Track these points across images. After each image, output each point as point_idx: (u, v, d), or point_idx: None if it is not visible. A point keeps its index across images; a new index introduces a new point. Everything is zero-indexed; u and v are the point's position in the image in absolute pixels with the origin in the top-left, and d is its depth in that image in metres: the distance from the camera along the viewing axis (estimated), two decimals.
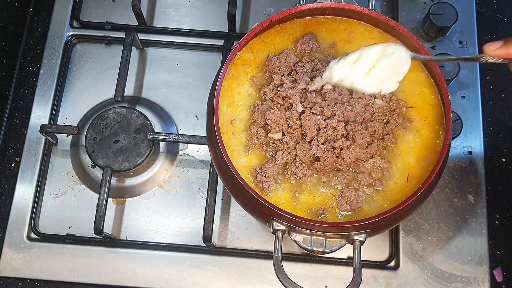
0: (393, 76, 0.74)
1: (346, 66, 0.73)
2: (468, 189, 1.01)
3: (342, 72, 0.73)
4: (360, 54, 0.73)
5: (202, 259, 0.98)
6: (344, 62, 0.73)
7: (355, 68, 0.73)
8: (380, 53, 0.73)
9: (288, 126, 0.79)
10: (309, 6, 0.84)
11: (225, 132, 0.80)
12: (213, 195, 0.96)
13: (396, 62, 0.74)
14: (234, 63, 0.84)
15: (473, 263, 0.97)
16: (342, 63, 0.73)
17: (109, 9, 1.14)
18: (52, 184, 1.03)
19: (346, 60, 0.73)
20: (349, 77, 0.73)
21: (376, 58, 0.73)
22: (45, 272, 0.97)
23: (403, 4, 1.12)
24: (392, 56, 0.73)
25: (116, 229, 1.00)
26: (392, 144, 0.79)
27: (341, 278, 0.96)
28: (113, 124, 1.00)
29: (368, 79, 0.74)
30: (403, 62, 0.74)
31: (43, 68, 1.10)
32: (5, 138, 1.07)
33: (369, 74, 0.73)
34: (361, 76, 0.73)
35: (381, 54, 0.73)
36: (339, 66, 0.73)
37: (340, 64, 0.73)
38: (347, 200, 0.77)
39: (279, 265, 0.73)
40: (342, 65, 0.73)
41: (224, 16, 1.07)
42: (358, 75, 0.73)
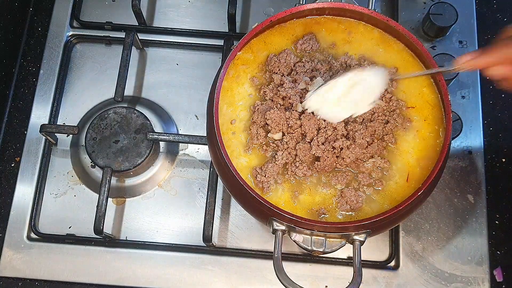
0: (364, 99, 0.78)
1: (318, 98, 0.77)
2: (468, 189, 1.01)
3: (315, 104, 0.78)
4: (331, 85, 0.77)
5: (202, 259, 0.98)
6: (316, 94, 0.77)
7: (325, 99, 0.77)
8: (348, 82, 0.77)
9: (288, 126, 0.79)
10: (309, 6, 0.84)
11: (225, 132, 0.80)
12: (213, 195, 0.96)
13: (366, 87, 0.77)
14: (234, 63, 0.84)
15: (473, 263, 0.97)
16: (315, 95, 0.78)
17: (109, 9, 1.14)
18: (52, 184, 1.03)
19: (318, 92, 0.77)
20: (321, 107, 0.77)
21: (345, 87, 0.77)
22: (45, 272, 0.97)
23: (403, 4, 1.12)
24: (361, 84, 0.77)
25: (116, 229, 1.00)
26: (392, 144, 0.79)
27: (341, 278, 0.96)
28: (113, 124, 1.00)
29: (337, 108, 0.77)
30: (375, 85, 0.78)
31: (43, 68, 1.10)
32: (5, 138, 1.07)
33: (338, 103, 0.77)
34: (331, 106, 0.77)
35: (350, 83, 0.77)
36: (312, 98, 0.78)
37: (313, 96, 0.78)
38: (347, 200, 0.77)
39: (279, 265, 0.73)
40: (315, 98, 0.78)
41: (224, 16, 1.07)
42: (329, 106, 0.77)
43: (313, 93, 0.77)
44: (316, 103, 0.77)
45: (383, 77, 0.77)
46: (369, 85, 0.77)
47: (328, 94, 0.76)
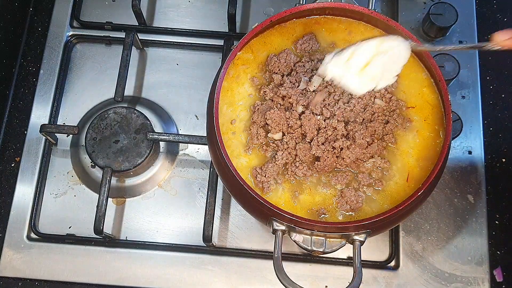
0: (389, 70, 0.72)
1: (339, 63, 0.70)
2: (468, 189, 1.01)
3: (336, 70, 0.70)
4: (354, 50, 0.70)
5: (202, 259, 0.98)
6: (338, 59, 0.70)
7: (348, 66, 0.70)
8: (374, 49, 0.70)
9: (288, 126, 0.79)
10: (309, 6, 0.84)
11: (225, 132, 0.80)
12: (213, 195, 0.96)
13: (391, 57, 0.71)
14: (234, 63, 0.84)
15: (473, 263, 0.97)
16: (336, 60, 0.70)
17: (109, 9, 1.14)
18: (52, 184, 1.03)
19: (340, 57, 0.70)
20: (343, 75, 0.70)
21: (370, 55, 0.70)
22: (45, 272, 0.97)
23: (403, 4, 1.12)
24: (388, 53, 0.71)
25: (116, 229, 1.00)
26: (392, 144, 0.79)
27: (341, 278, 0.96)
28: (113, 124, 1.00)
29: (362, 77, 0.71)
30: (400, 55, 0.71)
31: (43, 68, 1.10)
32: (5, 138, 1.07)
33: (363, 71, 0.70)
34: (354, 75, 0.70)
35: (376, 50, 0.70)
36: (333, 63, 0.70)
37: (334, 61, 0.70)
38: (347, 200, 0.77)
39: (279, 265, 0.73)
40: (336, 63, 0.70)
41: (224, 16, 1.07)
42: (352, 74, 0.70)
43: (334, 57, 0.69)
44: (338, 69, 0.68)
45: (407, 47, 0.71)
46: (393, 56, 0.70)
47: (352, 61, 0.68)
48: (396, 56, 0.71)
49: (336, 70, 0.69)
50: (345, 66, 0.69)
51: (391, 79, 0.72)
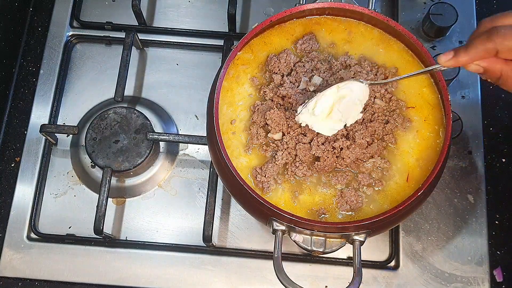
0: (353, 109, 0.77)
1: (307, 114, 0.76)
2: (468, 189, 1.01)
3: (307, 119, 0.76)
4: (316, 101, 0.75)
5: (202, 259, 0.98)
6: (305, 110, 0.76)
7: (315, 115, 0.75)
8: (334, 96, 0.76)
9: (288, 126, 0.79)
10: (309, 6, 0.84)
11: (225, 132, 0.80)
12: (213, 195, 0.96)
13: (352, 98, 0.76)
14: (234, 63, 0.84)
15: (473, 263, 0.97)
16: (304, 110, 0.76)
17: (109, 9, 1.14)
18: (52, 184, 1.03)
19: (306, 108, 0.76)
20: (312, 123, 0.76)
21: (331, 103, 0.75)
22: (45, 272, 0.97)
23: (403, 4, 1.12)
24: (346, 97, 0.75)
25: (116, 229, 1.00)
26: (392, 144, 0.79)
27: (341, 278, 0.96)
28: (113, 124, 1.00)
29: (329, 122, 0.76)
30: (359, 95, 0.76)
31: (43, 68, 1.10)
32: (5, 138, 1.07)
33: (329, 117, 0.76)
34: (322, 121, 0.76)
35: (335, 97, 0.76)
36: (303, 113, 0.76)
37: (303, 111, 0.76)
38: (347, 200, 0.77)
39: (279, 265, 0.73)
40: (304, 113, 0.76)
41: (224, 16, 1.07)
42: (319, 121, 0.76)
43: (303, 109, 0.76)
44: (307, 118, 0.76)
45: (365, 87, 0.77)
46: (354, 96, 0.76)
47: (316, 109, 0.75)
48: (356, 97, 0.76)
49: (306, 119, 0.76)
50: (312, 115, 0.76)
51: (357, 115, 0.77)
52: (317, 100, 0.75)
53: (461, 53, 0.69)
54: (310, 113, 0.75)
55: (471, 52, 0.68)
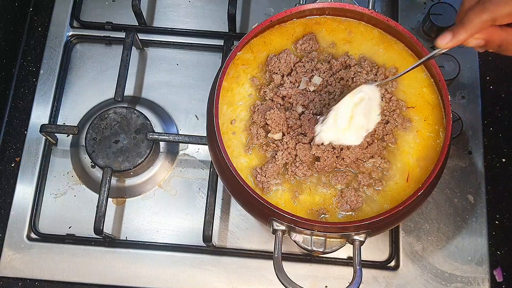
0: (371, 113, 0.76)
1: (329, 129, 0.75)
2: (468, 189, 1.01)
3: (330, 135, 0.75)
4: (336, 113, 0.75)
5: (202, 259, 0.98)
6: (326, 126, 0.75)
7: (338, 127, 0.75)
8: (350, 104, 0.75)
9: (288, 127, 0.79)
10: (309, 6, 0.84)
11: (225, 132, 0.80)
12: (213, 195, 0.96)
13: (367, 103, 0.75)
14: (234, 63, 0.84)
15: (473, 263, 0.97)
16: (326, 128, 0.75)
17: (109, 9, 1.14)
18: (52, 184, 1.03)
19: (327, 123, 0.75)
20: (338, 136, 0.75)
21: (350, 109, 0.75)
22: (45, 272, 0.97)
23: (403, 4, 1.12)
24: (362, 102, 0.75)
25: (116, 229, 1.00)
26: (392, 144, 0.79)
27: (341, 278, 0.96)
28: (113, 124, 1.00)
29: (352, 130, 0.75)
30: (372, 98, 0.76)
31: (43, 68, 1.10)
32: (5, 138, 1.07)
33: (351, 125, 0.75)
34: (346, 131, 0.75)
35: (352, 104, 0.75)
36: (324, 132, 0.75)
37: (324, 129, 0.75)
38: (347, 200, 0.77)
39: (279, 265, 0.73)
40: (326, 130, 0.75)
41: (224, 16, 1.07)
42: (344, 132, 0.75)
43: (322, 127, 0.75)
44: (330, 135, 0.75)
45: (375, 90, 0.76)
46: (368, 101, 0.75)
47: (338, 121, 0.74)
48: (370, 100, 0.76)
49: (329, 135, 0.75)
50: (335, 128, 0.75)
51: (377, 118, 0.77)
52: (337, 112, 0.74)
53: (459, 30, 0.68)
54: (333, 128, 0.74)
55: (469, 27, 0.67)
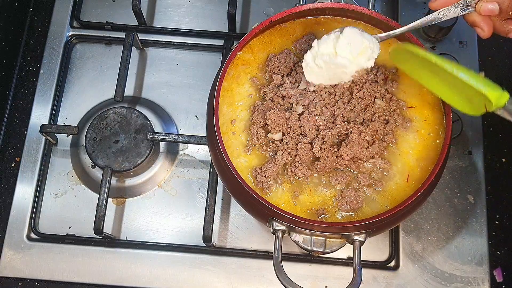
0: (362, 49, 0.76)
1: (312, 61, 0.76)
2: (468, 189, 1.01)
3: (329, 47, 0.75)
4: (318, 43, 0.76)
5: (202, 259, 0.98)
6: (309, 56, 0.76)
7: (320, 54, 0.75)
8: (335, 34, 0.76)
9: (287, 127, 0.79)
10: (309, 6, 0.84)
11: (225, 132, 0.80)
12: (213, 195, 0.96)
13: (359, 36, 0.75)
14: (234, 63, 0.84)
15: (473, 263, 0.97)
16: (308, 58, 0.76)
17: (109, 9, 1.14)
18: (52, 184, 1.03)
19: (310, 54, 0.76)
20: (333, 52, 0.75)
21: (334, 37, 0.76)
22: (45, 272, 0.97)
23: (403, 4, 1.12)
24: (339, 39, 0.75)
25: (116, 229, 1.00)
26: (393, 144, 0.79)
27: (341, 278, 0.96)
28: (113, 124, 1.00)
29: (338, 59, 0.75)
30: (370, 41, 0.76)
31: (43, 68, 1.10)
32: (5, 138, 1.07)
33: (336, 53, 0.75)
34: (328, 64, 0.76)
35: (336, 34, 0.75)
36: (307, 66, 0.76)
37: (307, 61, 0.76)
38: (347, 201, 0.77)
39: (279, 265, 0.73)
40: (308, 59, 0.76)
41: (224, 16, 1.07)
42: (326, 65, 0.76)
43: (306, 58, 0.77)
44: (328, 47, 0.75)
45: (376, 42, 0.77)
46: (363, 37, 0.75)
47: (321, 47, 0.75)
48: (364, 38, 0.76)
49: (328, 47, 0.75)
50: (317, 57, 0.76)
51: (367, 62, 0.77)
52: (318, 42, 0.75)
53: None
54: (316, 55, 0.75)
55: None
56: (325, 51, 0.75)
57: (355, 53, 0.75)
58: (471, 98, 0.71)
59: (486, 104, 0.69)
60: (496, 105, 0.68)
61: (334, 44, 0.75)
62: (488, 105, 0.69)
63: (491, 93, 0.68)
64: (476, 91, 0.68)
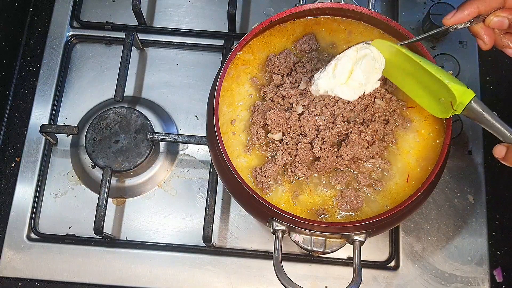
0: (372, 74, 0.76)
1: (326, 78, 0.75)
2: (468, 189, 1.01)
3: (326, 85, 0.75)
4: (336, 63, 0.75)
5: (202, 259, 0.98)
6: (324, 74, 0.75)
7: (336, 78, 0.75)
8: (353, 57, 0.75)
9: (287, 127, 0.79)
10: (309, 6, 0.84)
11: (225, 132, 0.80)
12: (213, 195, 0.96)
13: (369, 62, 0.75)
14: (234, 63, 0.84)
15: (473, 263, 0.97)
16: (323, 76, 0.75)
17: (109, 9, 1.14)
18: (52, 184, 1.03)
19: (325, 72, 0.75)
20: (333, 87, 0.75)
21: (351, 63, 0.75)
22: (45, 272, 0.97)
23: (403, 4, 1.12)
24: (365, 57, 0.75)
25: (116, 229, 1.00)
26: (393, 144, 0.79)
27: (341, 278, 0.96)
28: (113, 124, 1.00)
29: (350, 85, 0.76)
30: (377, 59, 0.76)
31: (43, 68, 1.10)
32: (5, 138, 1.07)
33: (349, 80, 0.75)
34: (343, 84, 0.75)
35: (355, 58, 0.75)
36: (321, 79, 0.75)
37: (321, 77, 0.75)
38: (347, 201, 0.77)
39: (279, 265, 0.73)
40: (324, 78, 0.75)
41: (224, 16, 1.07)
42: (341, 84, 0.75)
43: (321, 73, 0.75)
44: (326, 83, 0.75)
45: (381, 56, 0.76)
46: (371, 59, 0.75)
47: (337, 72, 0.74)
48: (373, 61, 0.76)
49: (326, 84, 0.75)
50: (333, 78, 0.75)
51: (376, 83, 0.77)
52: (337, 62, 0.74)
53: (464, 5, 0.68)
54: (330, 77, 0.74)
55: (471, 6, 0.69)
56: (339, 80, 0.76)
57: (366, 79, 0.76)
58: (439, 95, 0.72)
59: (452, 101, 0.70)
60: (460, 100, 0.69)
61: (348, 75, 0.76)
62: (453, 102, 0.70)
63: (455, 87, 0.69)
64: (443, 87, 0.70)
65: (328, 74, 0.75)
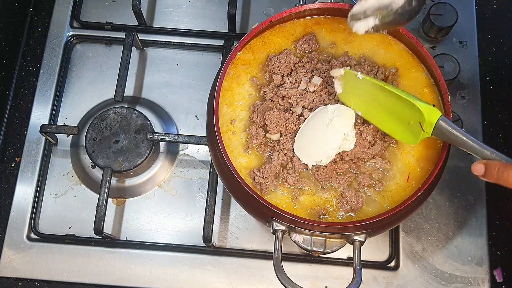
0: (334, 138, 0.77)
1: (298, 142, 0.79)
2: (468, 189, 1.01)
3: (297, 149, 0.78)
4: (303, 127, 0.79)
5: (202, 259, 0.98)
6: (297, 137, 0.79)
7: (302, 143, 0.78)
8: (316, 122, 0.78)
9: (286, 128, 0.79)
10: (309, 6, 0.84)
11: (225, 132, 0.80)
12: (213, 195, 0.96)
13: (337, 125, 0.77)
14: (234, 63, 0.84)
15: (473, 263, 0.97)
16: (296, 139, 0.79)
17: (109, 9, 1.14)
18: (52, 184, 1.03)
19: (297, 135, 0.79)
20: (301, 152, 0.78)
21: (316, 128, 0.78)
22: (45, 272, 0.97)
23: None
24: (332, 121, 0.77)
25: (116, 229, 1.00)
26: (393, 144, 0.79)
27: (341, 278, 0.96)
28: (113, 124, 1.00)
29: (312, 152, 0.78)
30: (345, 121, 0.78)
31: (43, 68, 1.10)
32: (5, 138, 1.07)
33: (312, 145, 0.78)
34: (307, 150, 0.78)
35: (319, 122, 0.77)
36: (296, 143, 0.79)
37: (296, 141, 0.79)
38: (348, 201, 0.77)
39: (279, 265, 0.73)
40: (297, 142, 0.79)
41: (224, 16, 1.07)
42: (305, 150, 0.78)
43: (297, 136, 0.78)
44: (297, 148, 0.78)
45: (350, 114, 0.78)
46: (340, 122, 0.76)
47: (302, 137, 0.77)
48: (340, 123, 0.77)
49: (297, 149, 0.79)
50: (301, 143, 0.78)
51: (333, 150, 0.78)
52: (303, 128, 0.78)
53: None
54: (300, 141, 0.78)
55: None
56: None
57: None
58: (408, 119, 0.72)
59: (421, 121, 0.70)
60: (428, 119, 0.69)
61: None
62: (422, 122, 0.70)
63: (422, 105, 0.69)
64: (410, 107, 0.70)
65: (298, 138, 0.78)
